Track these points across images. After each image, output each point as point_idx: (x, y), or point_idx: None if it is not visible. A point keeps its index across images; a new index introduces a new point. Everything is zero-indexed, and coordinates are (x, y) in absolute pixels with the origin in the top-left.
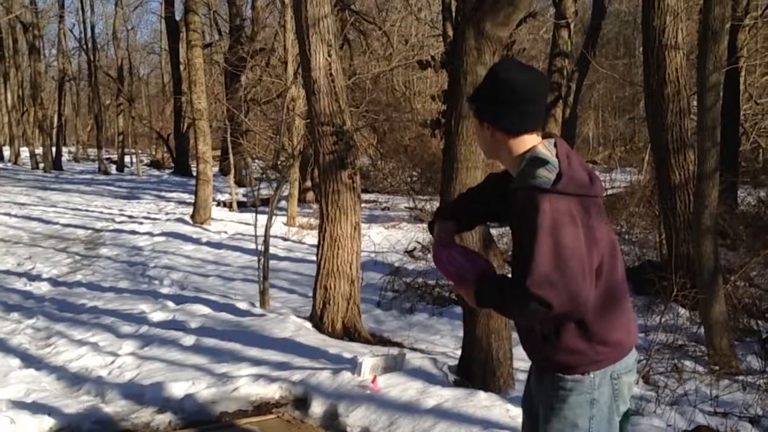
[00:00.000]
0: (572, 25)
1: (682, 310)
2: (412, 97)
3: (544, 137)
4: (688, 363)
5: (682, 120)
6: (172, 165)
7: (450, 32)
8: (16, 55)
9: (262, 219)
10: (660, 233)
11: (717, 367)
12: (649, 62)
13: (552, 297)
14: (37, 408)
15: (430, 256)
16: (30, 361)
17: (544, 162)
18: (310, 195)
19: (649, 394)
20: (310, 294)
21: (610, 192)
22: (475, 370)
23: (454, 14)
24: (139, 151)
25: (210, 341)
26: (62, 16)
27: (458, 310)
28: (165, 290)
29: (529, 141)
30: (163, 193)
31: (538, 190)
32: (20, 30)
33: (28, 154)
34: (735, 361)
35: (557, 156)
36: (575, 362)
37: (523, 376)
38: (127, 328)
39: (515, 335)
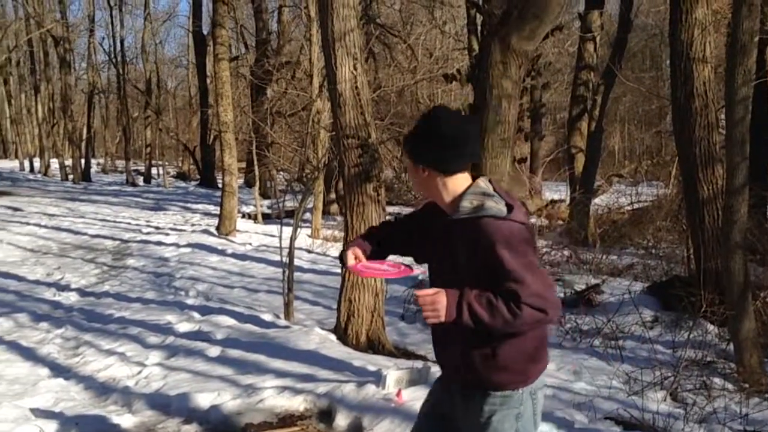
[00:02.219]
0: (598, 39)
1: (710, 327)
2: None
3: (472, 176)
4: (717, 380)
5: (711, 134)
6: (198, 177)
7: (475, 46)
8: (47, 68)
9: (287, 231)
10: (688, 248)
11: (746, 385)
12: (676, 76)
13: (545, 305)
14: (65, 417)
15: None
16: (59, 370)
17: (490, 196)
18: (335, 207)
19: (678, 411)
20: (335, 306)
21: (636, 206)
22: None
23: (479, 28)
24: (166, 163)
25: (235, 352)
26: (92, 30)
27: None
28: (191, 301)
29: (462, 179)
30: (189, 205)
31: (496, 218)
32: (51, 44)
33: (57, 166)
34: (765, 379)
35: (496, 191)
36: (509, 380)
37: (549, 391)
38: (153, 339)
39: None
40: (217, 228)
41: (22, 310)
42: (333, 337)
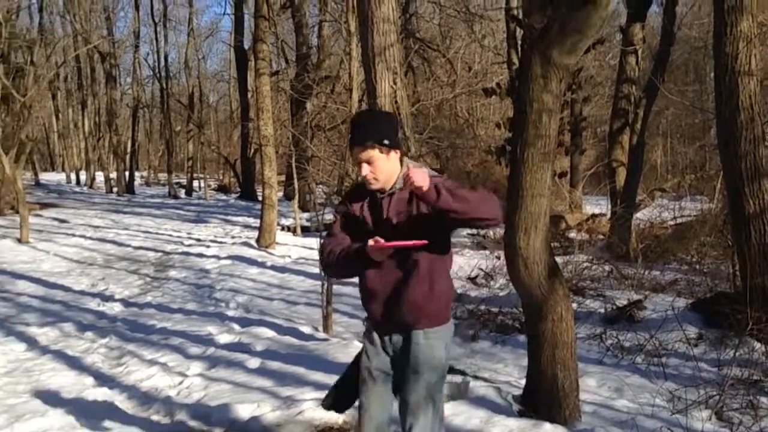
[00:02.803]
0: (640, 52)
1: (757, 344)
2: (475, 124)
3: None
4: (764, 399)
5: (757, 148)
6: (239, 190)
7: (515, 59)
8: (94, 83)
9: None
10: (733, 264)
11: None
12: (721, 89)
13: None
14: (109, 426)
15: (493, 282)
16: (103, 379)
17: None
18: None
19: (723, 431)
20: None
21: (679, 221)
22: (540, 400)
23: (519, 42)
24: (207, 176)
25: (274, 364)
26: (137, 46)
27: (522, 338)
28: (231, 313)
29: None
30: (229, 217)
31: (439, 178)
32: (98, 59)
33: (103, 179)
34: None
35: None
36: (445, 314)
37: (589, 408)
38: (194, 350)
39: (582, 365)
40: (257, 240)
41: (67, 319)
42: None
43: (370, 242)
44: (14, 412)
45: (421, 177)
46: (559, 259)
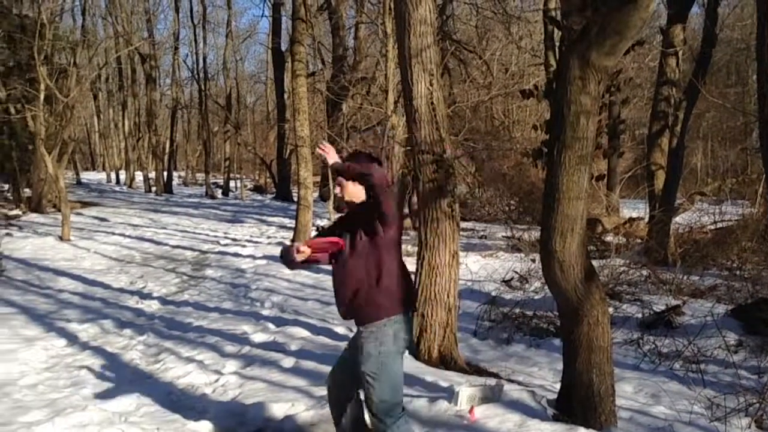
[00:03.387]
0: (680, 53)
1: None
2: (511, 126)
3: None
4: None
5: None
6: (274, 190)
7: (552, 61)
8: (134, 84)
9: None
10: None
11: None
12: (764, 91)
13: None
14: (146, 422)
15: (527, 285)
16: (141, 376)
17: None
18: (408, 222)
19: None
20: None
21: (720, 225)
22: (576, 405)
23: (557, 43)
24: (244, 176)
25: (309, 364)
26: (177, 48)
27: (557, 342)
28: (266, 312)
29: None
30: (265, 218)
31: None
32: (138, 61)
33: (142, 178)
34: None
35: None
36: (384, 311)
37: (626, 414)
38: (230, 348)
39: (618, 370)
40: (292, 241)
41: (107, 316)
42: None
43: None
44: (55, 407)
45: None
46: (595, 263)
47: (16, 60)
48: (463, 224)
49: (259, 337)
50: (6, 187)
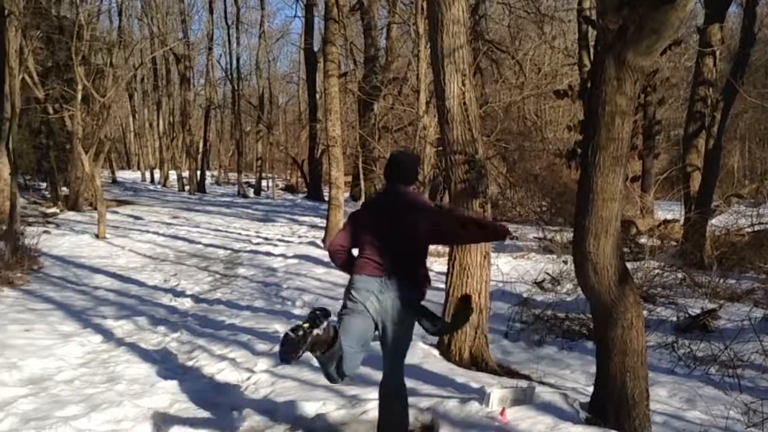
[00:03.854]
0: (717, 53)
1: None
2: (543, 126)
3: None
4: None
5: None
6: (306, 190)
7: (586, 61)
8: (169, 84)
9: None
10: None
11: None
12: None
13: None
14: (180, 418)
15: (559, 287)
16: (174, 372)
17: None
18: None
19: None
20: None
21: (757, 228)
22: (609, 408)
23: (591, 43)
24: (275, 176)
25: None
26: (211, 49)
27: (590, 344)
28: (297, 311)
29: None
30: (296, 217)
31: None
32: (173, 61)
33: (175, 177)
34: None
35: None
36: None
37: (660, 418)
38: (262, 346)
39: (652, 374)
40: (323, 240)
41: (141, 313)
42: (436, 352)
43: None
44: (91, 402)
45: None
46: (629, 265)
47: (55, 60)
48: None
49: None
50: (44, 185)
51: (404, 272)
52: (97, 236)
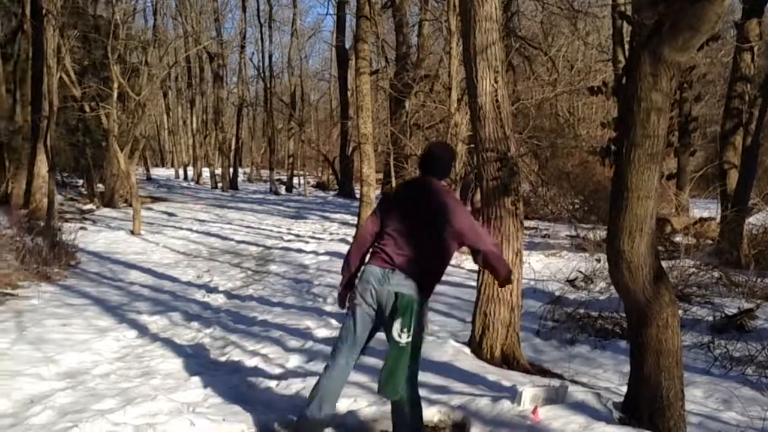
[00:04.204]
0: (756, 48)
1: None
2: (576, 124)
3: None
4: None
5: None
6: (337, 187)
7: (621, 57)
8: (202, 82)
9: None
10: None
11: None
12: None
13: None
14: (213, 413)
15: (592, 286)
16: (207, 367)
17: None
18: None
19: None
20: (469, 319)
21: None
22: (643, 409)
23: (626, 38)
24: (307, 173)
25: (371, 360)
26: (243, 47)
27: (623, 344)
28: (328, 308)
29: None
30: (327, 214)
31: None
32: (206, 59)
33: (208, 174)
34: None
35: None
36: None
37: (695, 419)
38: (293, 342)
39: (687, 374)
40: (354, 237)
41: (175, 309)
42: (467, 350)
43: None
44: (126, 396)
45: None
46: (664, 264)
47: (91, 59)
48: (526, 223)
49: (321, 333)
50: (81, 182)
51: (413, 266)
52: (132, 232)
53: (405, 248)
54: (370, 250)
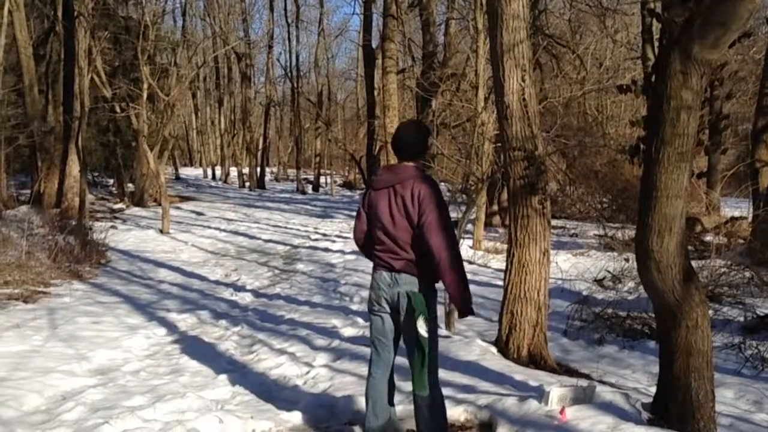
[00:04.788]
0: None
1: None
2: (604, 122)
3: None
4: None
5: None
6: (364, 186)
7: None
8: (230, 83)
9: None
10: None
11: None
12: None
13: None
14: (241, 410)
15: (621, 285)
16: (235, 365)
17: None
18: (497, 219)
19: None
20: (495, 318)
21: None
22: (672, 410)
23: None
24: (333, 172)
25: (397, 359)
26: (271, 47)
27: (652, 344)
28: (355, 307)
29: None
30: (354, 213)
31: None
32: (234, 60)
33: (236, 174)
34: None
35: None
36: None
37: (726, 421)
38: (320, 341)
39: (718, 375)
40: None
41: (204, 307)
42: (494, 349)
43: None
44: (156, 393)
45: None
46: (694, 264)
47: (122, 60)
48: (554, 222)
49: (348, 331)
50: (111, 182)
51: (410, 265)
52: (161, 231)
53: (397, 251)
54: (372, 254)
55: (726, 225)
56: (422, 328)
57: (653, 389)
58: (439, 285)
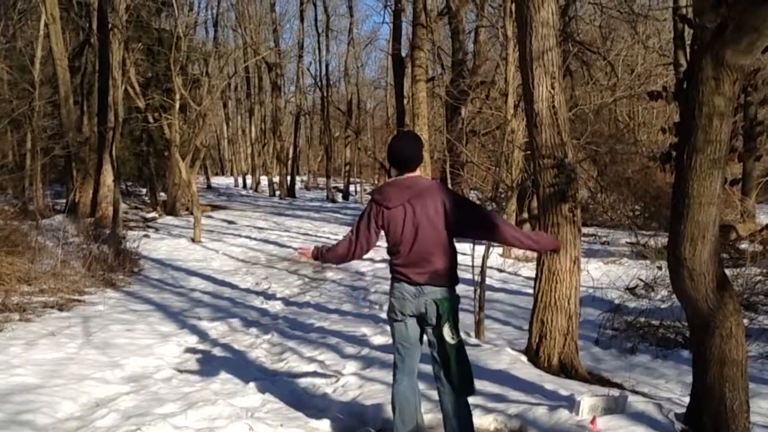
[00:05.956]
0: None
1: None
2: (636, 129)
3: None
4: None
5: None
6: None
7: (682, 61)
8: (261, 92)
9: (479, 249)
10: None
11: None
12: None
13: None
14: (271, 418)
15: (653, 294)
16: (266, 373)
17: None
18: (527, 227)
19: None
20: (525, 327)
21: None
22: (706, 420)
23: (687, 42)
24: (363, 181)
25: (426, 368)
26: (301, 56)
27: (685, 353)
28: (384, 315)
29: None
30: None
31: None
32: (265, 69)
33: (266, 182)
34: None
35: None
36: None
37: (761, 431)
38: (350, 349)
39: (753, 385)
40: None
41: (234, 315)
42: (524, 358)
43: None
44: (187, 400)
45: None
46: (728, 272)
47: (155, 71)
48: (585, 230)
49: (378, 340)
50: (144, 191)
51: (436, 277)
52: (193, 240)
53: (422, 264)
54: (390, 267)
55: (761, 232)
56: (448, 335)
57: (687, 399)
58: (460, 289)
